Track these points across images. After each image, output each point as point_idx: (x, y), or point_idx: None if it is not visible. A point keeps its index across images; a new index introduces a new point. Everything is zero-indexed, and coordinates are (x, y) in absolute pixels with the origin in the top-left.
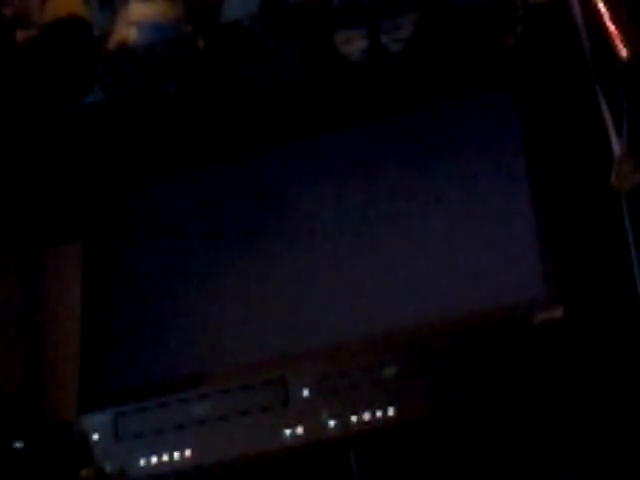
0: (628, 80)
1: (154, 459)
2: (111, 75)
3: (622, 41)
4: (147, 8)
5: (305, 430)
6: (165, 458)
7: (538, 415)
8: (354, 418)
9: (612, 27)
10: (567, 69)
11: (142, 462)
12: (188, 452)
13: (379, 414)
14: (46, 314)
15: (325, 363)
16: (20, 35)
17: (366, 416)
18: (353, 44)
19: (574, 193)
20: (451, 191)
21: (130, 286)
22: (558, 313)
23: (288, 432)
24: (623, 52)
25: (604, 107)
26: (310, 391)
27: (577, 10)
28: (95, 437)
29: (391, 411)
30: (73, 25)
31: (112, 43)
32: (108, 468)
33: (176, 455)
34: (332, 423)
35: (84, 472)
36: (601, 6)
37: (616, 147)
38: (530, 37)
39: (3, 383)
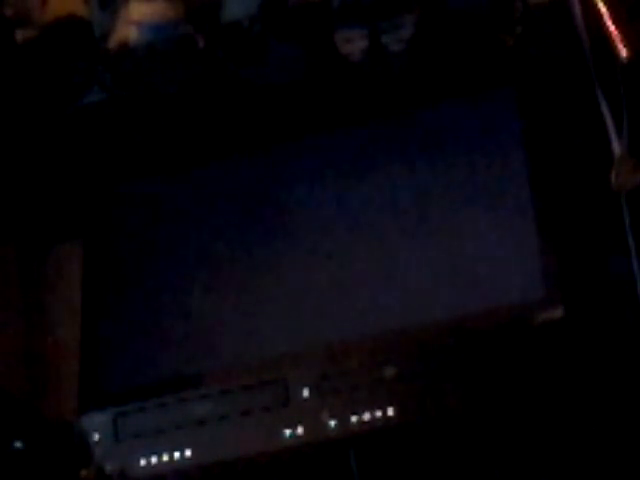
0: (628, 80)
1: (154, 459)
2: (111, 75)
3: (622, 41)
4: (147, 8)
5: (305, 430)
6: (165, 458)
7: (538, 415)
8: (354, 418)
9: (612, 27)
10: (567, 69)
11: (142, 462)
12: (188, 452)
13: (379, 414)
14: (46, 314)
15: (325, 363)
16: (20, 35)
17: (366, 416)
18: (353, 44)
19: (574, 193)
20: (451, 191)
21: (130, 286)
22: (558, 313)
23: (288, 432)
24: (623, 52)
25: (604, 107)
26: (310, 391)
27: (577, 10)
28: (95, 437)
29: (391, 411)
30: (73, 25)
31: (112, 43)
32: (108, 468)
33: (176, 455)
34: (332, 423)
35: (84, 472)
36: (601, 6)
37: (616, 147)
38: (530, 37)
39: (3, 383)
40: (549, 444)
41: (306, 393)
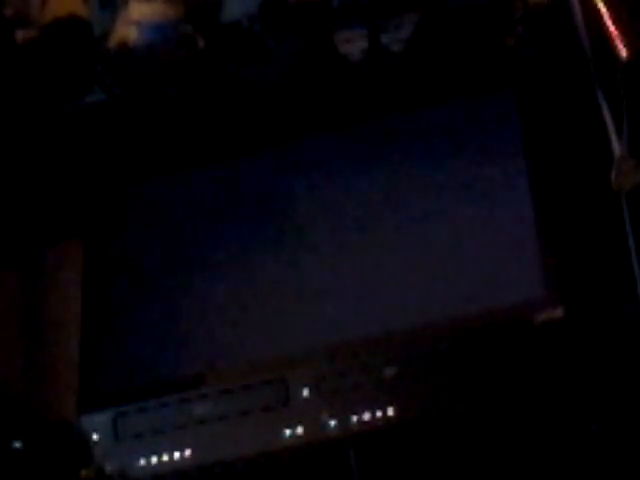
0: (628, 80)
1: (154, 459)
2: (111, 75)
3: (622, 41)
4: (147, 8)
5: (305, 430)
6: (165, 458)
7: (538, 415)
8: (354, 418)
9: (612, 27)
10: (567, 69)
11: (142, 462)
12: (188, 452)
13: (379, 414)
14: (46, 314)
15: (325, 363)
16: (20, 35)
17: (366, 416)
18: (353, 44)
19: (574, 193)
20: (451, 191)
21: (130, 286)
22: (558, 313)
23: (288, 432)
24: (623, 52)
25: (604, 107)
26: (310, 391)
27: (577, 10)
28: (95, 437)
29: (391, 411)
30: (73, 25)
31: (112, 43)
32: (108, 468)
33: (176, 455)
34: (332, 423)
35: (84, 472)
36: (601, 6)
37: (616, 147)
38: (530, 37)
39: (3, 383)
40: (549, 444)
41: (306, 393)
